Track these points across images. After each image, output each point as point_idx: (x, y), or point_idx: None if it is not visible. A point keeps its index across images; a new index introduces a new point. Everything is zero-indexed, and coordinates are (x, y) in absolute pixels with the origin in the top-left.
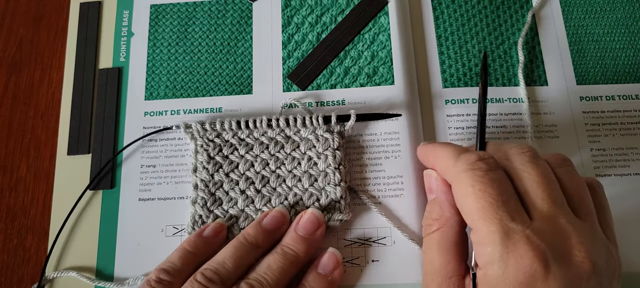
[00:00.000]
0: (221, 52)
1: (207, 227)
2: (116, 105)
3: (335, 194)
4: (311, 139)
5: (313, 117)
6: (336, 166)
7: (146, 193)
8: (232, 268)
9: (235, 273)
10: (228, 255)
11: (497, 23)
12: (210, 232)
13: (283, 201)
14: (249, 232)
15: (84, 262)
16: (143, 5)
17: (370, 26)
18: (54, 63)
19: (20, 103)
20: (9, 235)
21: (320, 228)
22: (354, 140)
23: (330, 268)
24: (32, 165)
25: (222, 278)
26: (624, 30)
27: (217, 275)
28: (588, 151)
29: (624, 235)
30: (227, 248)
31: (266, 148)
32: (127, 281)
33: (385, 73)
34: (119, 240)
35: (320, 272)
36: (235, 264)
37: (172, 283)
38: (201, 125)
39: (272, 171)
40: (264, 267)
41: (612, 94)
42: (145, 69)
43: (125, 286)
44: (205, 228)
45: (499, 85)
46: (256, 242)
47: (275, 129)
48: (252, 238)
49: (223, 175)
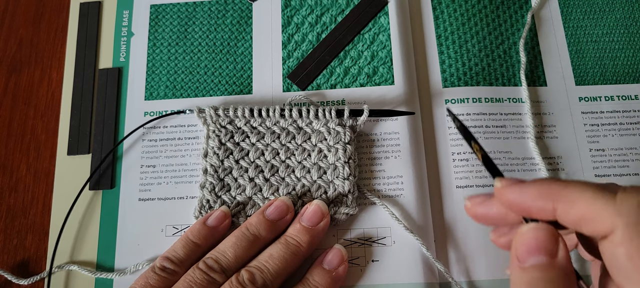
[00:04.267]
0: (221, 52)
1: (211, 215)
2: (116, 105)
3: (343, 188)
4: (323, 132)
5: (326, 109)
6: (346, 160)
7: (146, 193)
8: (233, 258)
9: (235, 263)
10: (229, 245)
11: (497, 23)
12: (213, 220)
13: (291, 191)
14: (252, 222)
15: (84, 261)
16: (143, 5)
17: (370, 26)
18: (54, 63)
19: (20, 103)
20: (9, 235)
21: (324, 220)
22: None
23: (335, 263)
24: (32, 165)
25: (223, 267)
26: (623, 31)
27: (218, 263)
28: (587, 151)
29: None
30: (230, 238)
31: (277, 137)
32: (127, 268)
33: (385, 73)
34: (119, 240)
35: (325, 267)
36: (236, 254)
37: (175, 272)
38: (214, 110)
39: (281, 161)
40: (265, 256)
41: (611, 94)
42: (145, 69)
43: (126, 274)
44: (209, 216)
45: (499, 85)
46: (258, 232)
47: (287, 119)
48: (254, 229)
49: (233, 161)
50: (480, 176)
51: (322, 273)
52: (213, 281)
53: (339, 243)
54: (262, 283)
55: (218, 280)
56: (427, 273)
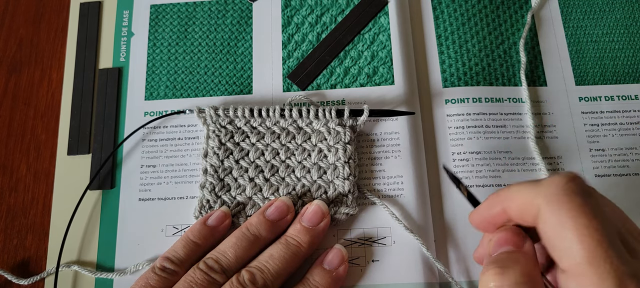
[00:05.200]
0: (221, 52)
1: (212, 215)
2: (116, 105)
3: (343, 188)
4: (323, 132)
5: (326, 109)
6: (346, 160)
7: (146, 194)
8: (233, 258)
9: (236, 263)
10: (230, 245)
11: (497, 23)
12: (213, 220)
13: (291, 191)
14: (252, 223)
15: (84, 262)
16: (143, 5)
17: (370, 26)
18: (54, 63)
19: (20, 103)
20: (9, 235)
21: (325, 220)
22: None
23: (335, 263)
24: (32, 165)
25: (224, 267)
26: (623, 31)
27: (219, 264)
28: (587, 151)
29: None
30: (230, 238)
31: (277, 137)
32: (127, 268)
33: (385, 73)
34: (119, 240)
35: (325, 267)
36: (237, 254)
37: (175, 272)
38: (214, 110)
39: (281, 161)
40: (266, 256)
41: (611, 94)
42: (145, 69)
43: (126, 274)
44: (210, 215)
45: (499, 85)
46: (258, 232)
47: (287, 119)
48: (254, 229)
49: (233, 161)
50: (481, 176)
51: (323, 273)
52: (213, 281)
53: (339, 244)
54: (262, 283)
55: (218, 281)
56: (427, 273)
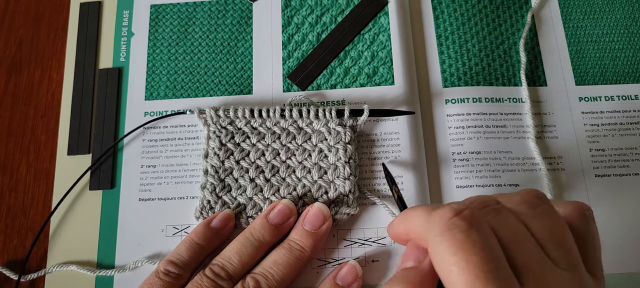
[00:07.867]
0: (221, 52)
1: (215, 217)
2: (116, 105)
3: (344, 188)
4: (323, 132)
5: (326, 110)
6: (346, 160)
7: (146, 194)
8: (239, 264)
9: (241, 269)
10: (234, 251)
11: (497, 23)
12: (217, 222)
13: (291, 192)
14: (255, 227)
15: (84, 262)
16: (143, 5)
17: (370, 26)
18: (54, 63)
19: (20, 103)
20: (9, 235)
21: (327, 223)
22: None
23: (348, 280)
24: (32, 165)
25: (230, 274)
26: (623, 31)
27: (224, 270)
28: (587, 151)
29: (623, 235)
30: (234, 243)
31: (278, 138)
32: (126, 265)
33: (385, 73)
34: (119, 240)
35: (338, 282)
36: (242, 260)
37: (180, 276)
38: (215, 111)
39: (282, 161)
40: (269, 262)
41: (611, 94)
42: (145, 69)
43: (126, 271)
44: (213, 218)
45: (499, 84)
46: (262, 237)
47: (288, 119)
48: (258, 234)
49: (233, 162)
50: (480, 176)
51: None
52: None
53: (338, 243)
54: None
55: (225, 287)
56: None
